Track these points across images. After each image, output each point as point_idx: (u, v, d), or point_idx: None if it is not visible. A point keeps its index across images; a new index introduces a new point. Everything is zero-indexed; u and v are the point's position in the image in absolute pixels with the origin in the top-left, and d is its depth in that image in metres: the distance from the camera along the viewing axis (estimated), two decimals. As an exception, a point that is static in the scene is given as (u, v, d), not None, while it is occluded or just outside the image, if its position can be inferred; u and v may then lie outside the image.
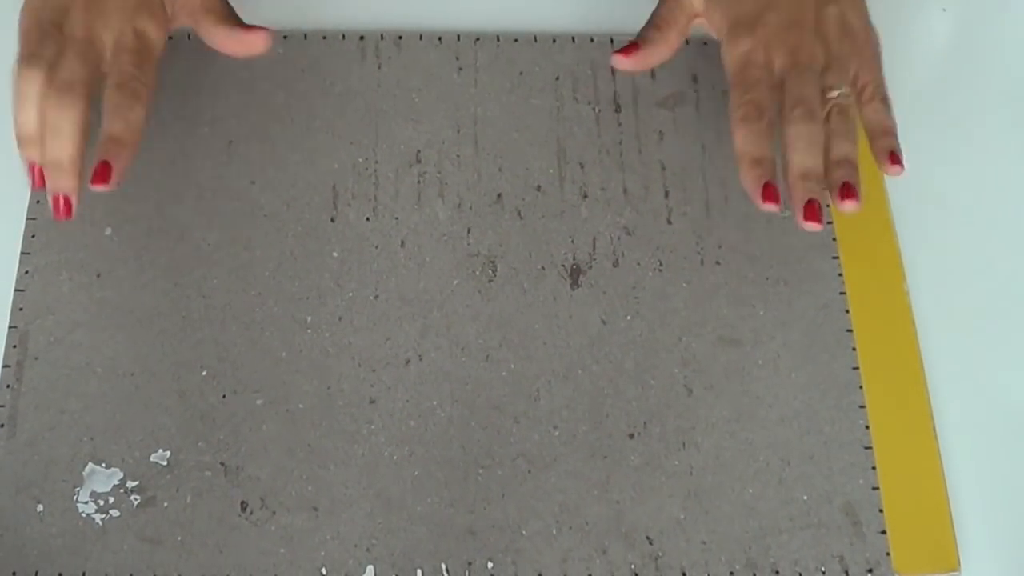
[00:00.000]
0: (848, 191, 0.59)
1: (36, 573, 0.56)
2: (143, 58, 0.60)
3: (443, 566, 0.58)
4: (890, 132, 0.61)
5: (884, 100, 0.62)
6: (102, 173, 0.57)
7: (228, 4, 0.64)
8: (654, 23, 0.65)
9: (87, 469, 0.58)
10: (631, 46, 0.64)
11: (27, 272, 0.62)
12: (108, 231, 0.64)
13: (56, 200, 0.58)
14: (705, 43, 0.71)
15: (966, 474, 0.61)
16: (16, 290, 0.62)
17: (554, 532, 0.59)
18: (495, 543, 0.58)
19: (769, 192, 0.58)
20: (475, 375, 0.62)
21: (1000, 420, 0.62)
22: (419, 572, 0.58)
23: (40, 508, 0.57)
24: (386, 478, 0.59)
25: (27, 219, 0.64)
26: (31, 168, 0.59)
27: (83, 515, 0.57)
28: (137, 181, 0.65)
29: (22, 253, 0.63)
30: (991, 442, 0.62)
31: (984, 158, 0.69)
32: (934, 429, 0.61)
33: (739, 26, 0.62)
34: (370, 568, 0.58)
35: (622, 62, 0.64)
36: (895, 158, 0.60)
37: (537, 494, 0.59)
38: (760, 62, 0.61)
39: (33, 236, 0.63)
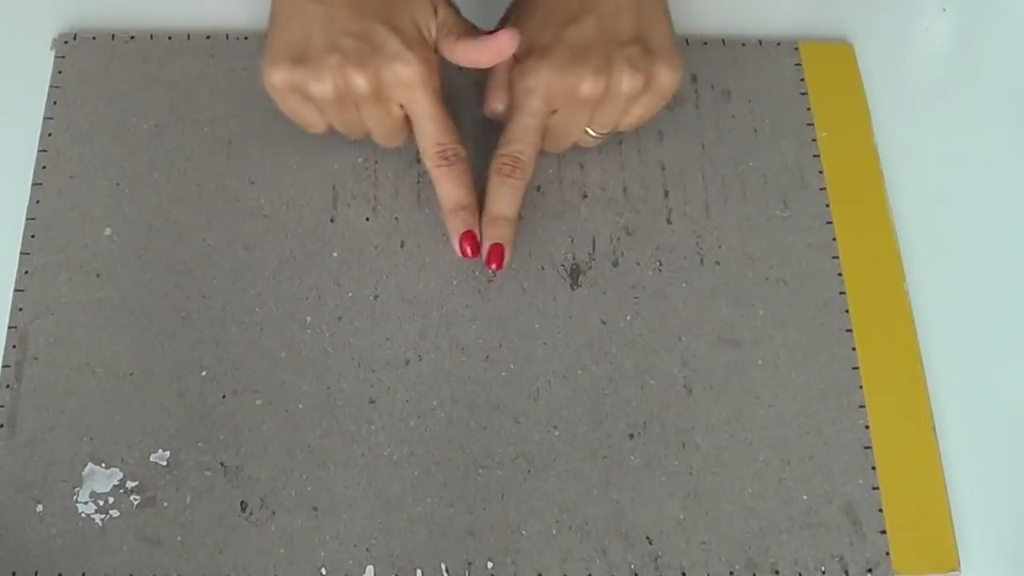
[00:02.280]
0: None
1: (36, 573, 0.56)
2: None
3: (443, 566, 0.58)
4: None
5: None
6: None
7: (459, 15, 0.62)
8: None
9: (87, 469, 0.59)
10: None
11: (27, 272, 0.63)
12: (108, 231, 0.64)
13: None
14: (705, 43, 0.72)
15: (966, 474, 0.61)
16: (16, 290, 0.62)
17: (554, 532, 0.59)
18: (495, 543, 0.59)
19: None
20: (475, 375, 0.62)
21: (1000, 420, 0.63)
22: (419, 572, 0.58)
23: (40, 508, 0.58)
24: (386, 478, 0.60)
25: (26, 219, 0.64)
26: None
27: (83, 515, 0.58)
28: (137, 181, 0.65)
29: (22, 253, 0.63)
30: (991, 442, 0.62)
31: (984, 158, 0.70)
32: (934, 429, 0.62)
33: (525, 58, 0.62)
34: (370, 568, 0.58)
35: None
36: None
37: (537, 494, 0.60)
38: (533, 108, 0.62)
39: (32, 236, 0.64)
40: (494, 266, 0.63)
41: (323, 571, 0.58)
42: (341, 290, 0.64)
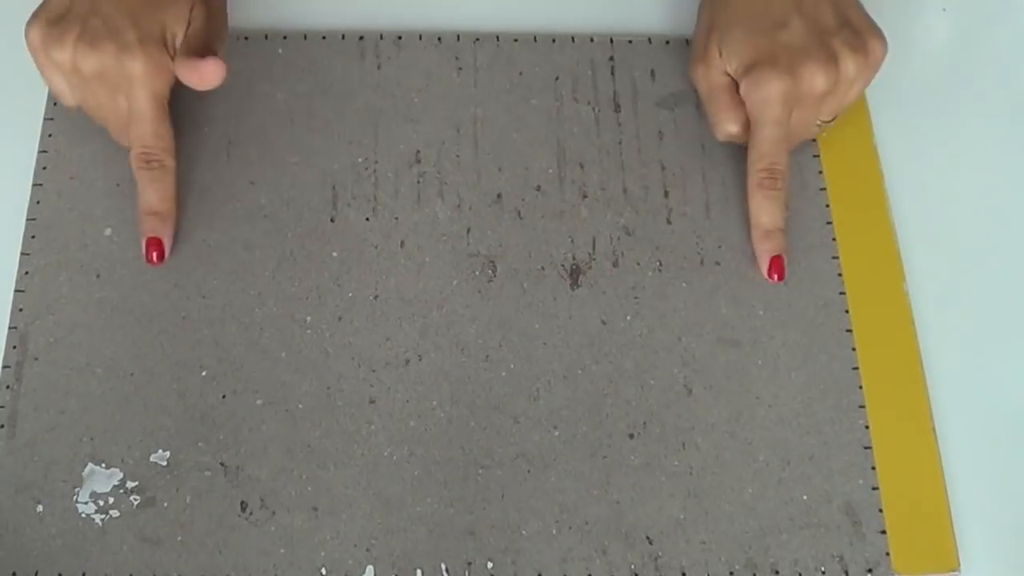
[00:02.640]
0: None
1: (36, 574, 0.57)
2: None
3: (443, 566, 0.58)
4: None
5: None
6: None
7: (209, 33, 0.64)
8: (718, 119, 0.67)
9: (87, 469, 0.59)
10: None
11: (27, 273, 0.63)
12: (108, 231, 0.64)
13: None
14: (705, 43, 0.72)
15: (966, 474, 0.61)
16: (16, 291, 0.62)
17: (554, 532, 0.59)
18: (495, 543, 0.59)
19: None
20: (475, 375, 0.62)
21: (1000, 420, 0.63)
22: (419, 572, 0.58)
23: (40, 508, 0.58)
24: (386, 478, 0.60)
25: (27, 220, 0.64)
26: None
27: (83, 515, 0.58)
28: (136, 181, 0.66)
29: (22, 254, 0.63)
30: (991, 442, 0.62)
31: (984, 158, 0.70)
32: (934, 429, 0.62)
33: (755, 68, 0.64)
34: (370, 568, 0.58)
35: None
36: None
37: (537, 494, 0.60)
38: (776, 118, 0.64)
39: (33, 237, 0.64)
40: (776, 277, 0.65)
41: (323, 571, 0.58)
42: (341, 290, 0.64)
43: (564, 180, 0.68)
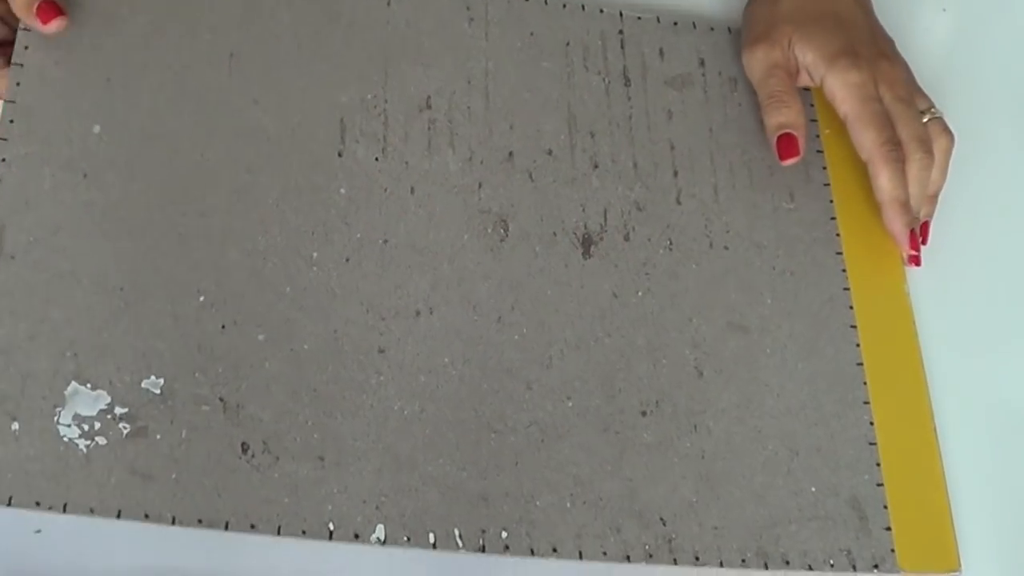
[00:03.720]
0: (926, 231, 0.67)
1: (10, 499, 0.49)
2: None
3: (456, 532, 0.54)
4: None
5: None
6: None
7: None
8: (776, 98, 0.68)
9: (70, 388, 0.51)
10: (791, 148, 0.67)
11: (4, 160, 0.55)
12: (96, 129, 0.57)
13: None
14: (712, 28, 0.71)
15: (966, 474, 0.62)
16: None
17: (568, 506, 0.56)
18: (509, 513, 0.55)
19: (914, 241, 0.66)
20: (487, 336, 0.59)
21: (1000, 421, 0.64)
22: (431, 536, 0.54)
23: (15, 426, 0.50)
24: (396, 433, 0.55)
25: (5, 102, 0.56)
26: None
27: (65, 439, 0.50)
28: (129, 79, 0.59)
29: None
30: (991, 443, 0.63)
31: (984, 157, 0.72)
32: (935, 430, 0.62)
33: (841, 57, 0.66)
34: (380, 527, 0.53)
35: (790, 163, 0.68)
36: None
37: (551, 465, 0.57)
38: (875, 95, 0.65)
39: (12, 121, 0.56)
40: (913, 250, 0.67)
41: (331, 526, 0.52)
42: (349, 230, 0.59)
43: (575, 148, 0.65)
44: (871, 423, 0.62)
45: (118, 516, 0.50)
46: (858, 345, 0.64)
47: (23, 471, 0.49)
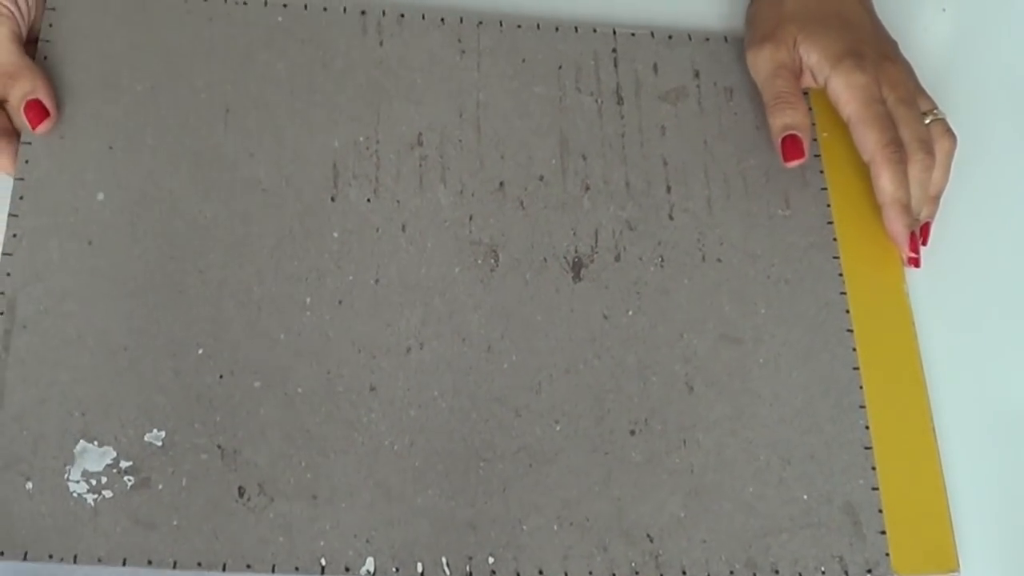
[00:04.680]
0: (927, 232, 0.68)
1: (25, 554, 0.54)
2: None
3: (444, 560, 0.57)
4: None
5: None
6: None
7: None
8: (782, 99, 0.68)
9: (78, 447, 0.56)
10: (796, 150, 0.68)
11: (15, 236, 0.60)
12: (100, 196, 0.62)
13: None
14: (707, 39, 0.72)
15: (965, 475, 0.62)
16: (3, 254, 0.60)
17: (555, 528, 0.59)
18: (496, 538, 0.58)
19: (914, 243, 0.67)
20: (476, 366, 0.61)
21: (999, 422, 0.64)
22: (419, 566, 0.57)
23: (29, 486, 0.55)
24: (386, 468, 0.59)
25: (15, 180, 0.62)
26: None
27: (74, 495, 0.56)
28: (130, 145, 0.63)
29: (10, 215, 0.60)
30: (990, 443, 0.64)
31: (983, 157, 0.71)
32: (933, 430, 0.63)
33: (846, 58, 0.66)
34: (370, 560, 0.57)
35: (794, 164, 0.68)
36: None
37: (538, 489, 0.59)
38: (879, 97, 0.66)
39: (21, 198, 0.61)
40: (911, 251, 0.67)
41: (322, 561, 0.56)
42: (342, 272, 0.62)
43: (567, 171, 0.67)
44: (867, 427, 0.62)
45: (123, 564, 0.55)
46: (854, 349, 0.64)
47: (36, 527, 0.54)
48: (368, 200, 0.64)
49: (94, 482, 0.56)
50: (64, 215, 0.61)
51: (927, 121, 0.66)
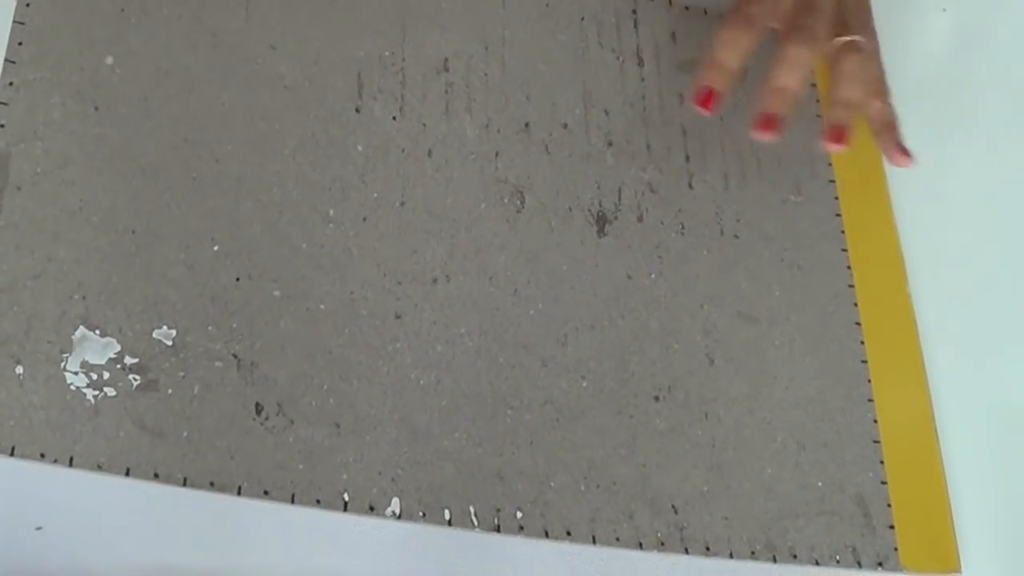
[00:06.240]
0: (839, 135, 0.61)
1: (12, 449, 0.44)
2: None
3: (471, 509, 0.51)
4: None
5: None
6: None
7: None
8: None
9: (78, 333, 0.47)
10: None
11: (11, 84, 0.50)
12: (109, 60, 0.53)
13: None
14: (721, 16, 0.69)
15: (967, 475, 0.61)
16: None
17: (582, 488, 0.53)
18: (523, 492, 0.52)
19: (704, 96, 0.61)
20: (503, 308, 0.56)
21: (1000, 421, 0.63)
22: (446, 512, 0.50)
23: (19, 370, 0.45)
24: (412, 404, 0.52)
25: (14, 22, 0.51)
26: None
27: (72, 387, 0.46)
28: (144, 12, 0.54)
29: (6, 61, 0.50)
30: (991, 444, 0.62)
31: (984, 158, 0.71)
32: (935, 430, 0.61)
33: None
34: (395, 500, 0.50)
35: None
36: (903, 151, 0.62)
37: (565, 445, 0.54)
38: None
39: (20, 44, 0.51)
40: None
41: (345, 496, 0.49)
42: (366, 188, 0.55)
43: (590, 124, 0.62)
44: (875, 421, 0.60)
45: (127, 474, 0.46)
46: (863, 342, 0.62)
47: (27, 419, 0.45)
48: (393, 118, 0.58)
49: (95, 376, 0.46)
50: (68, 72, 0.52)
51: (845, 38, 0.62)
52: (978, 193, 0.70)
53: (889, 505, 0.58)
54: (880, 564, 0.57)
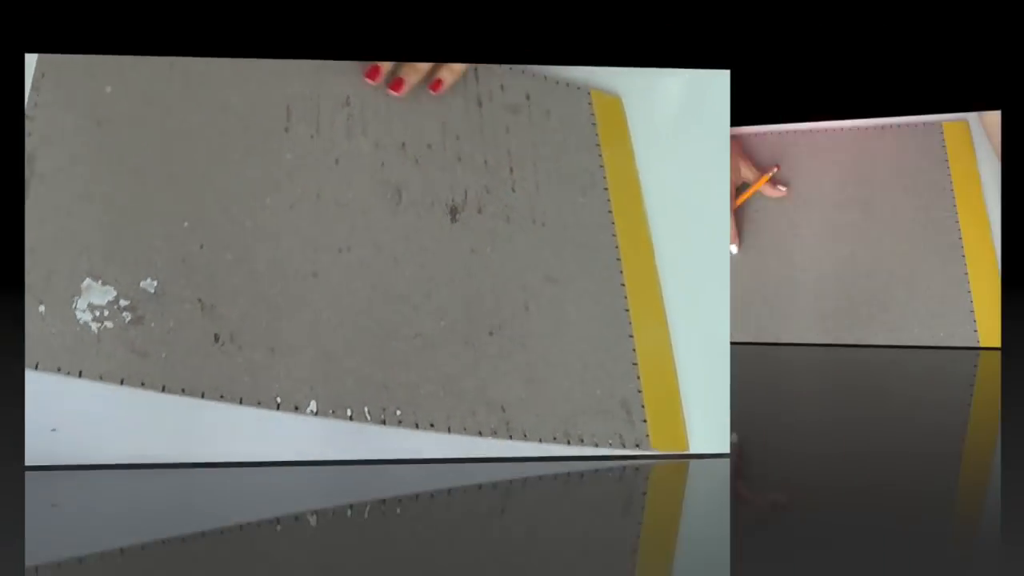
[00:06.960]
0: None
1: (36, 364, 0.43)
2: None
3: (365, 409, 0.52)
4: None
5: None
6: None
7: None
8: None
9: (85, 283, 0.46)
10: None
11: (36, 104, 0.48)
12: (108, 89, 0.51)
13: None
14: (534, 75, 0.71)
15: (693, 385, 0.64)
16: (27, 117, 0.48)
17: (441, 395, 0.55)
18: (401, 397, 0.54)
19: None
20: (387, 270, 0.57)
21: (710, 348, 0.67)
22: (348, 411, 0.51)
23: (42, 308, 0.44)
24: (324, 336, 0.53)
25: (37, 60, 0.49)
26: None
27: (80, 321, 0.45)
28: (134, 54, 0.53)
29: (32, 88, 0.48)
30: (708, 364, 0.66)
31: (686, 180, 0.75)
32: (672, 355, 0.65)
33: None
34: (313, 403, 0.51)
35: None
36: None
37: (429, 365, 0.56)
38: None
39: (43, 75, 0.49)
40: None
41: (278, 400, 0.50)
42: (292, 185, 0.56)
43: (447, 145, 0.64)
44: (634, 349, 0.64)
45: (121, 383, 0.45)
46: (626, 297, 0.65)
47: (48, 344, 0.44)
48: (312, 136, 0.58)
49: (97, 313, 0.46)
50: (77, 97, 0.50)
51: None
52: (681, 204, 0.73)
53: (643, 406, 0.62)
54: (637, 445, 0.60)
